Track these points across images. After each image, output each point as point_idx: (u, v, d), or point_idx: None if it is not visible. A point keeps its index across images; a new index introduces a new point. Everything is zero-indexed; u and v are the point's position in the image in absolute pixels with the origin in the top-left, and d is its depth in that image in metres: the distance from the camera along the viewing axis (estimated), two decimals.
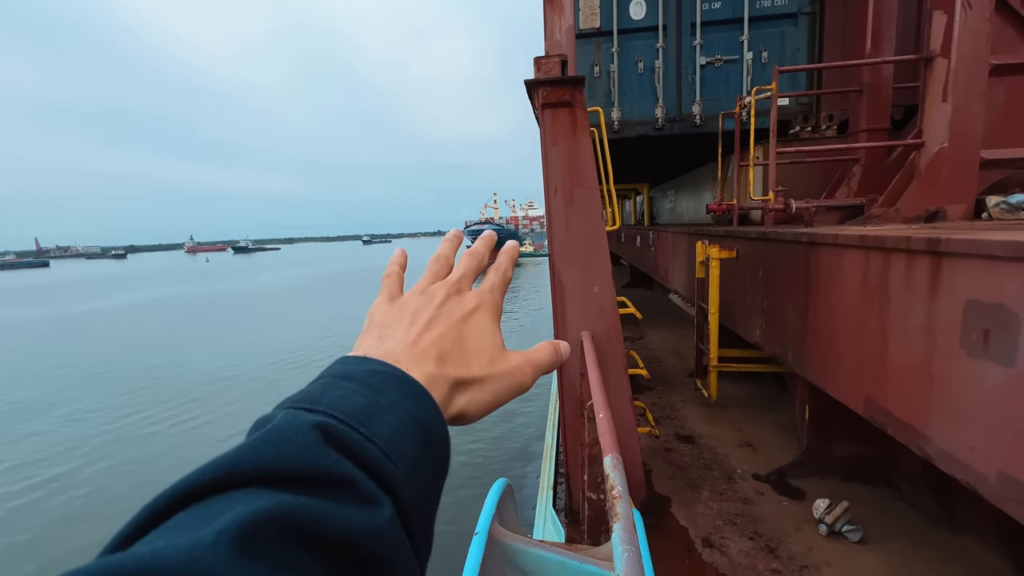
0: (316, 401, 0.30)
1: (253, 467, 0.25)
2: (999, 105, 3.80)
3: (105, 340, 19.52)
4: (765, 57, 5.61)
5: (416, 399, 0.33)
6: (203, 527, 0.21)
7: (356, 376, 0.33)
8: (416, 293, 0.45)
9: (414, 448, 0.31)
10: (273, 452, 0.26)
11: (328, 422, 0.28)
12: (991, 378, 1.71)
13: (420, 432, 0.32)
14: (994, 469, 1.71)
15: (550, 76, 2.76)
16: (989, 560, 2.64)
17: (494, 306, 0.46)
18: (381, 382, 0.33)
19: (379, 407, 0.31)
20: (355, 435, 0.28)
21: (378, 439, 0.29)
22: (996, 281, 1.68)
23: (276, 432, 0.27)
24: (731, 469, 3.76)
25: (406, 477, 0.29)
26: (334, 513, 0.24)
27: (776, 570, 2.68)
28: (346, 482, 0.26)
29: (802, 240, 3.06)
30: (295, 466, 0.25)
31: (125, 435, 9.85)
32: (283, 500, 0.23)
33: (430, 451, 0.32)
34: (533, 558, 1.48)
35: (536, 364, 0.45)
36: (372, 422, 0.29)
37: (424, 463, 0.31)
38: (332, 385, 0.32)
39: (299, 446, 0.26)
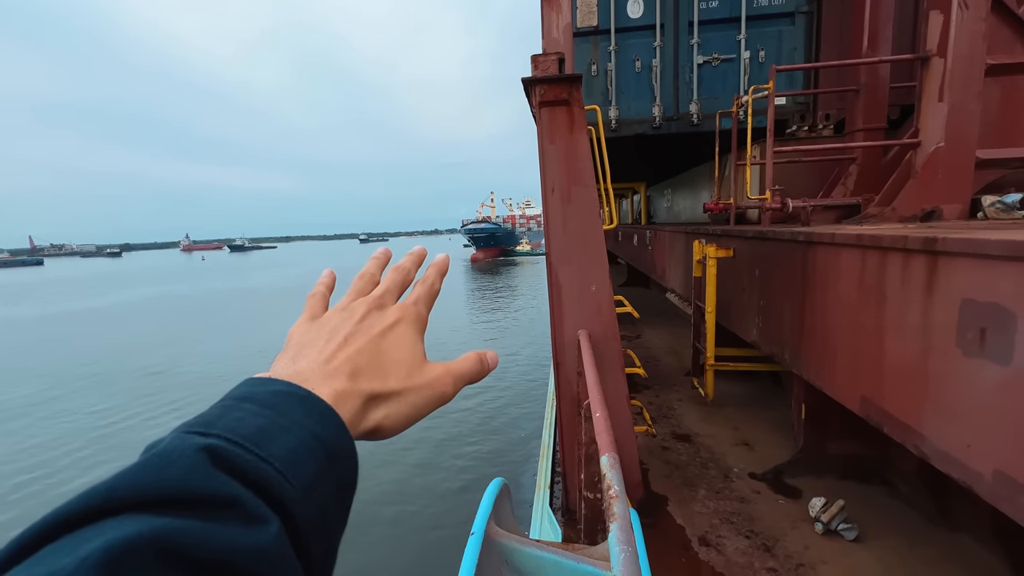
0: (211, 424, 0.30)
1: (131, 492, 0.24)
2: (995, 105, 3.82)
3: (99, 339, 19.42)
4: (762, 56, 5.62)
5: (320, 418, 0.33)
6: (67, 557, 0.21)
7: (257, 397, 0.33)
8: (337, 311, 0.46)
9: (315, 466, 0.31)
10: (153, 476, 0.25)
11: (218, 444, 0.28)
12: (987, 377, 1.72)
13: (322, 450, 0.32)
14: (990, 467, 1.71)
15: (547, 74, 2.75)
16: (985, 559, 2.65)
17: (416, 318, 0.46)
18: (283, 403, 0.33)
19: (278, 427, 0.31)
20: (247, 456, 0.28)
21: (273, 459, 0.29)
22: (992, 280, 1.69)
23: (159, 456, 0.27)
24: (728, 468, 3.77)
25: (302, 495, 0.29)
26: (213, 534, 0.24)
27: (772, 568, 2.69)
28: (230, 502, 0.26)
29: (799, 239, 3.06)
30: (176, 489, 0.25)
31: (112, 435, 9.80)
32: (157, 524, 0.23)
33: (333, 468, 0.32)
34: (529, 558, 1.48)
35: (458, 374, 0.45)
36: (268, 443, 0.30)
37: (325, 480, 0.32)
38: (231, 408, 0.32)
39: (182, 469, 0.26)
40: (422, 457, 8.10)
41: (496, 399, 10.88)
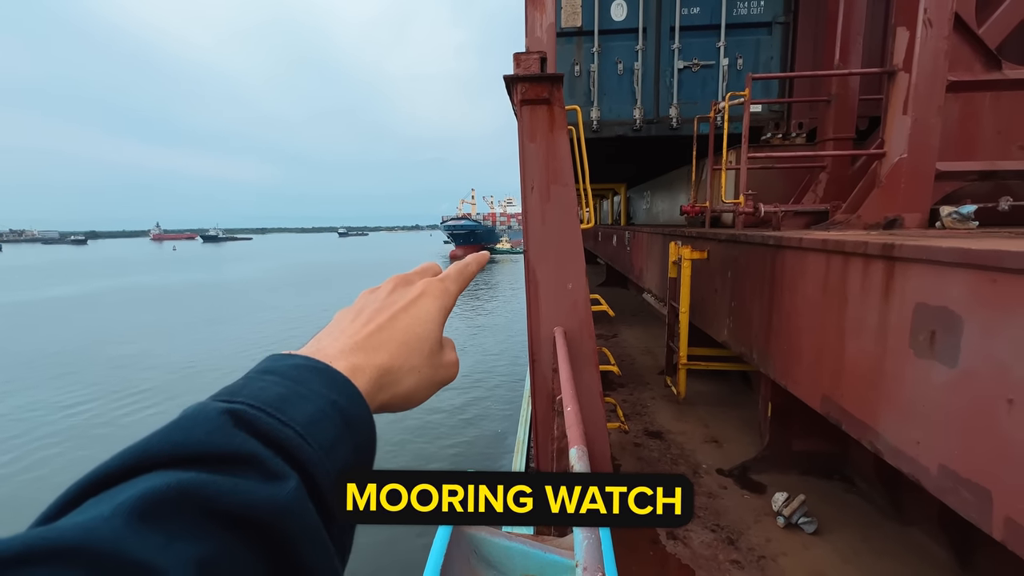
0: (236, 393, 0.32)
1: (161, 450, 0.27)
2: (954, 120, 4.00)
3: (61, 330, 18.66)
4: (740, 64, 5.75)
5: (337, 388, 0.35)
6: (104, 505, 0.23)
7: (278, 370, 0.35)
8: (368, 292, 0.48)
9: (333, 430, 0.33)
10: (181, 435, 0.28)
11: (240, 408, 0.30)
12: (936, 377, 1.81)
13: (339, 416, 0.34)
14: (936, 462, 1.81)
15: (529, 72, 2.77)
16: (932, 549, 2.80)
17: (442, 293, 0.47)
18: (302, 374, 0.35)
19: (298, 395, 0.33)
20: (268, 419, 0.30)
21: (294, 423, 0.31)
22: (942, 285, 1.78)
23: (186, 418, 0.29)
24: (697, 464, 3.87)
25: (322, 455, 0.31)
26: (235, 487, 0.26)
27: (735, 560, 2.78)
28: (251, 459, 0.28)
29: (769, 243, 3.16)
30: (201, 447, 0.27)
31: (76, 429, 9.46)
32: (184, 477, 0.25)
33: (351, 433, 0.34)
34: (498, 548, 1.50)
35: (458, 361, 0.48)
36: (289, 408, 0.32)
37: (344, 443, 0.33)
38: (254, 379, 0.34)
39: (207, 430, 0.28)
40: (403, 456, 8.06)
41: (473, 395, 10.90)
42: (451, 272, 0.50)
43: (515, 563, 1.51)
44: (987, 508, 1.61)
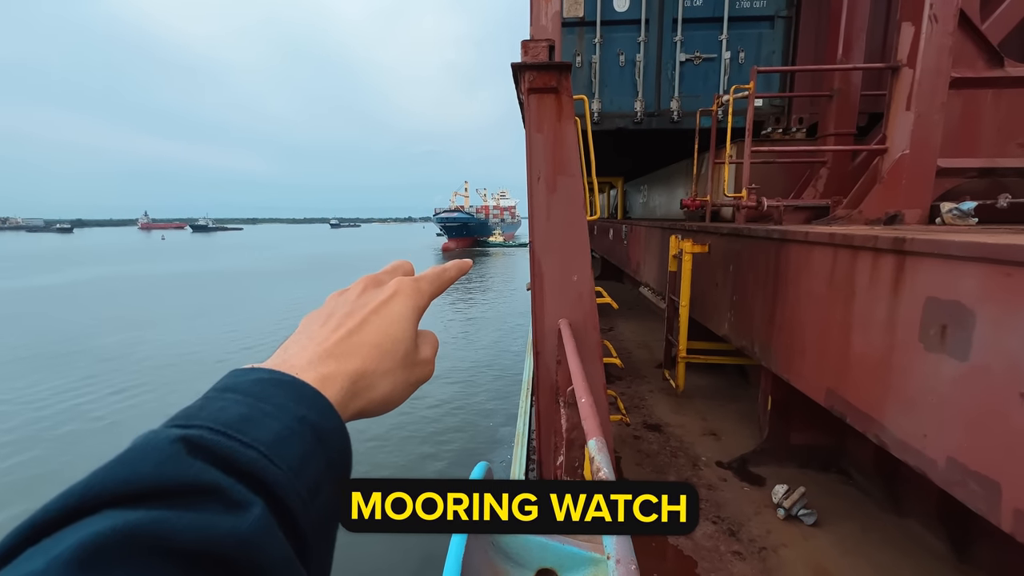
0: (193, 416, 0.30)
1: (105, 489, 0.24)
2: (955, 117, 4.02)
3: (48, 319, 18.36)
4: (742, 57, 5.74)
5: (307, 401, 0.34)
6: (40, 558, 0.21)
7: (240, 387, 0.33)
8: (337, 294, 0.46)
9: (301, 447, 0.31)
10: (127, 470, 0.25)
11: (195, 434, 0.28)
12: (946, 371, 1.82)
13: (309, 432, 0.32)
14: (944, 455, 1.83)
15: (537, 60, 2.73)
16: (929, 541, 2.84)
17: (414, 292, 0.45)
18: (266, 390, 0.33)
19: (262, 413, 0.31)
20: (229, 443, 0.28)
21: (258, 443, 0.29)
22: (954, 279, 1.79)
23: (133, 450, 0.27)
24: (696, 456, 3.89)
25: (290, 476, 0.29)
26: (191, 522, 0.24)
27: (737, 552, 2.80)
28: (211, 490, 0.26)
29: (774, 236, 3.16)
30: (151, 481, 0.25)
31: (66, 420, 9.33)
32: (131, 517, 0.23)
33: (321, 448, 0.33)
34: (516, 540, 1.49)
35: (435, 355, 0.47)
36: (252, 428, 0.30)
37: (314, 460, 0.32)
38: (214, 399, 0.32)
39: (156, 461, 0.26)
40: (391, 457, 8.05)
41: (466, 390, 10.90)
42: (428, 273, 0.49)
43: (533, 555, 1.50)
44: (996, 500, 1.62)
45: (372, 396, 0.40)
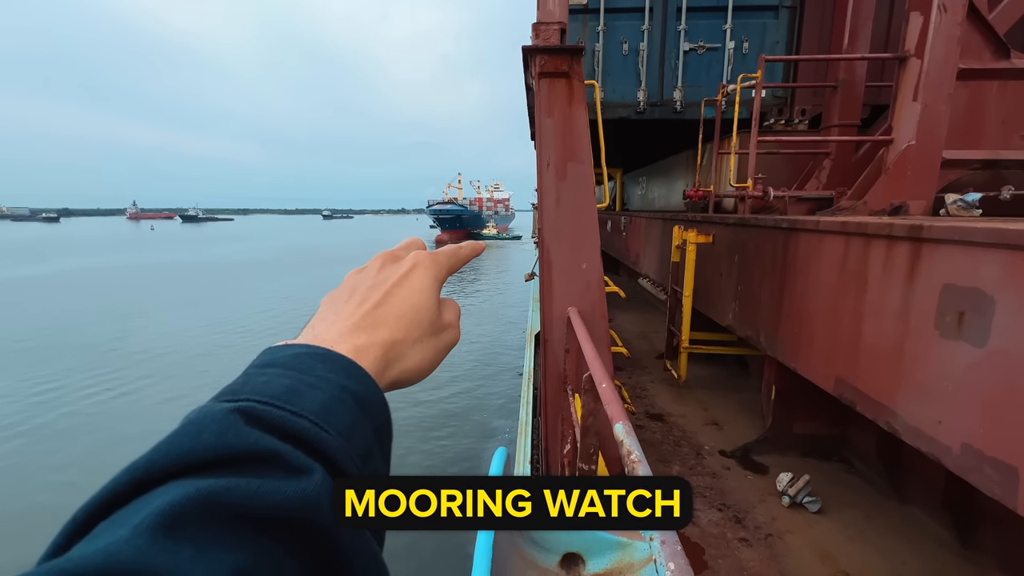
0: (238, 391, 0.31)
1: (170, 460, 0.25)
2: (960, 108, 4.02)
3: (37, 310, 18.07)
4: (746, 48, 5.71)
5: (345, 372, 0.35)
6: (120, 528, 0.22)
7: (279, 362, 0.34)
8: (356, 271, 0.47)
9: (348, 415, 0.32)
10: (189, 442, 0.26)
11: (248, 405, 0.29)
12: (963, 357, 1.83)
13: (352, 400, 0.33)
14: (959, 441, 1.83)
15: (548, 44, 2.68)
16: (932, 528, 2.87)
17: (432, 263, 0.46)
18: (304, 363, 0.34)
19: (305, 384, 0.32)
20: (280, 412, 0.29)
21: (307, 412, 0.30)
22: (974, 266, 1.78)
23: (191, 423, 0.27)
24: (699, 446, 3.91)
25: (342, 441, 0.30)
26: (258, 488, 0.25)
27: (743, 538, 2.82)
28: (270, 456, 0.27)
29: (783, 226, 3.16)
30: (214, 450, 0.26)
31: (61, 414, 9.21)
32: (202, 484, 0.24)
33: (366, 416, 0.33)
34: None
35: (458, 318, 0.48)
36: (298, 399, 0.30)
37: (362, 427, 0.33)
38: (255, 374, 0.33)
39: (216, 431, 0.26)
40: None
41: (461, 382, 10.89)
42: (444, 249, 0.50)
43: (559, 539, 1.49)
44: (1012, 485, 1.63)
45: (405, 366, 0.41)
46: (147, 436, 0.31)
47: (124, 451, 7.60)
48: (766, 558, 2.67)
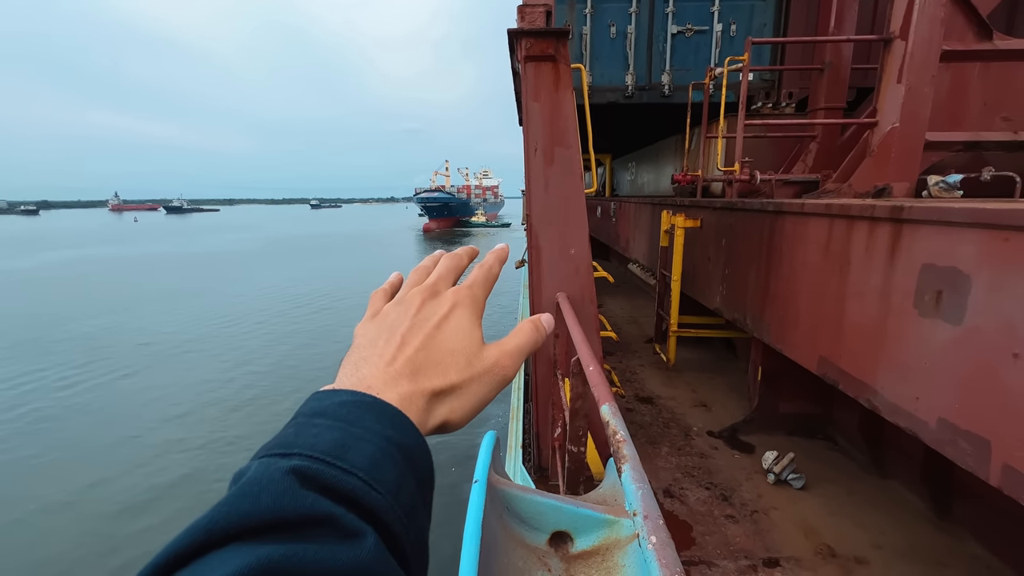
0: (290, 445, 0.31)
1: (230, 523, 0.26)
2: (943, 90, 4.06)
3: (23, 303, 17.74)
4: (734, 30, 5.68)
5: (392, 422, 0.35)
6: None
7: (328, 411, 0.34)
8: (394, 304, 0.46)
9: (394, 470, 0.32)
10: (249, 505, 0.26)
11: (302, 465, 0.29)
12: (939, 335, 1.87)
13: (399, 453, 0.33)
14: (935, 416, 1.89)
15: (534, 27, 2.66)
16: (911, 500, 2.97)
17: (472, 302, 0.46)
18: (353, 412, 0.34)
19: (354, 437, 0.32)
20: (332, 471, 0.29)
21: (357, 469, 0.30)
22: (952, 245, 1.82)
23: (251, 483, 0.27)
24: (688, 427, 3.98)
25: (390, 500, 0.31)
26: (316, 555, 0.25)
27: (730, 515, 2.90)
28: (326, 520, 0.27)
29: (769, 209, 3.18)
30: (272, 515, 0.26)
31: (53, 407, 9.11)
32: (263, 552, 0.24)
33: (412, 469, 0.34)
34: (530, 504, 1.50)
35: (516, 351, 0.46)
36: (349, 454, 0.31)
37: (407, 481, 0.33)
38: (305, 425, 0.33)
39: (274, 494, 0.27)
40: None
41: None
42: (477, 278, 0.49)
43: (547, 518, 1.51)
44: (986, 457, 1.69)
45: (448, 412, 0.40)
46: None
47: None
48: (751, 533, 2.75)
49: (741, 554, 2.59)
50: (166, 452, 7.50)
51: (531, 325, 0.48)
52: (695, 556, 2.58)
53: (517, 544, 1.43)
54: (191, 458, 7.33)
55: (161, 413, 8.76)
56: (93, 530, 5.77)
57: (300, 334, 13.74)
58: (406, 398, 0.37)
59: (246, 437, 7.90)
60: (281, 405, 9.00)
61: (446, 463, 6.89)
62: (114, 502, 6.30)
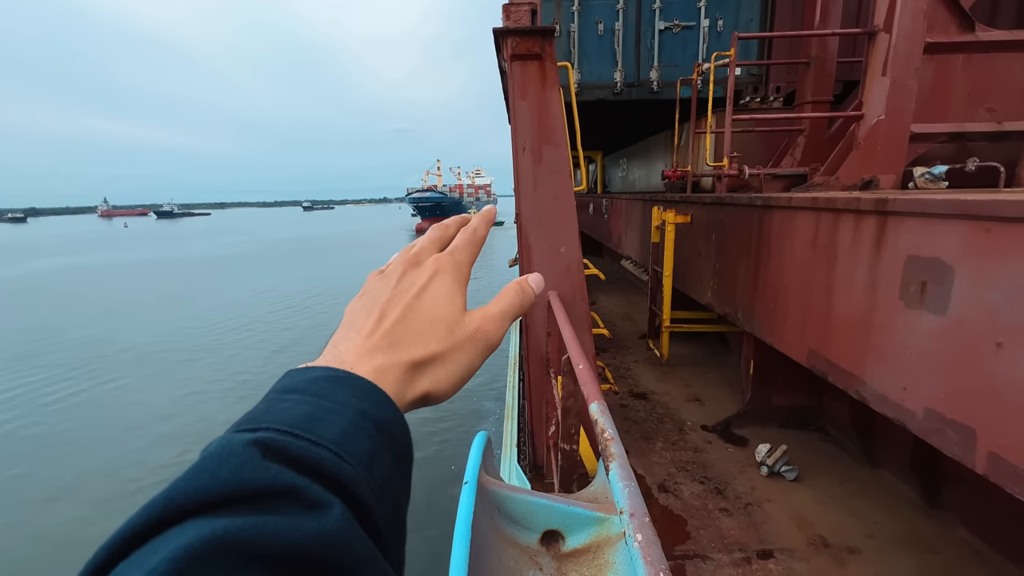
0: (259, 419, 0.30)
1: (187, 498, 0.25)
2: (928, 82, 4.09)
3: (15, 312, 17.55)
4: (720, 25, 5.70)
5: (365, 395, 0.34)
6: (135, 572, 0.21)
7: (298, 387, 0.33)
8: (376, 276, 0.45)
9: (368, 442, 0.31)
10: (207, 477, 0.26)
11: (267, 436, 0.28)
12: (925, 326, 1.89)
13: (372, 425, 0.32)
14: (922, 406, 1.91)
15: (520, 25, 2.65)
16: (901, 489, 3.01)
17: (454, 267, 0.44)
18: (324, 387, 0.33)
19: (325, 411, 0.31)
20: (298, 442, 0.29)
21: (326, 441, 0.29)
22: (935, 237, 1.84)
23: (211, 457, 0.27)
24: (682, 422, 4.01)
25: (362, 470, 0.30)
26: (276, 526, 0.24)
27: (724, 508, 2.92)
28: (289, 492, 0.26)
29: (757, 204, 3.20)
30: (231, 487, 0.25)
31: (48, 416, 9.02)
32: (218, 524, 0.23)
33: (387, 442, 0.33)
34: (521, 504, 1.51)
35: (500, 315, 0.44)
36: (318, 426, 0.30)
37: (381, 454, 0.32)
38: (275, 400, 0.32)
39: (234, 467, 0.26)
40: None
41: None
42: (459, 242, 0.46)
43: (538, 517, 1.51)
44: (971, 445, 1.71)
45: (430, 383, 0.39)
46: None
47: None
48: (746, 526, 2.77)
49: (735, 547, 2.61)
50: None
51: (516, 287, 0.46)
52: (690, 550, 2.60)
53: (508, 544, 1.43)
54: None
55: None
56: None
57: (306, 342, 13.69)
58: (381, 370, 0.36)
59: None
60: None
61: (447, 458, 6.88)
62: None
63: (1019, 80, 4.01)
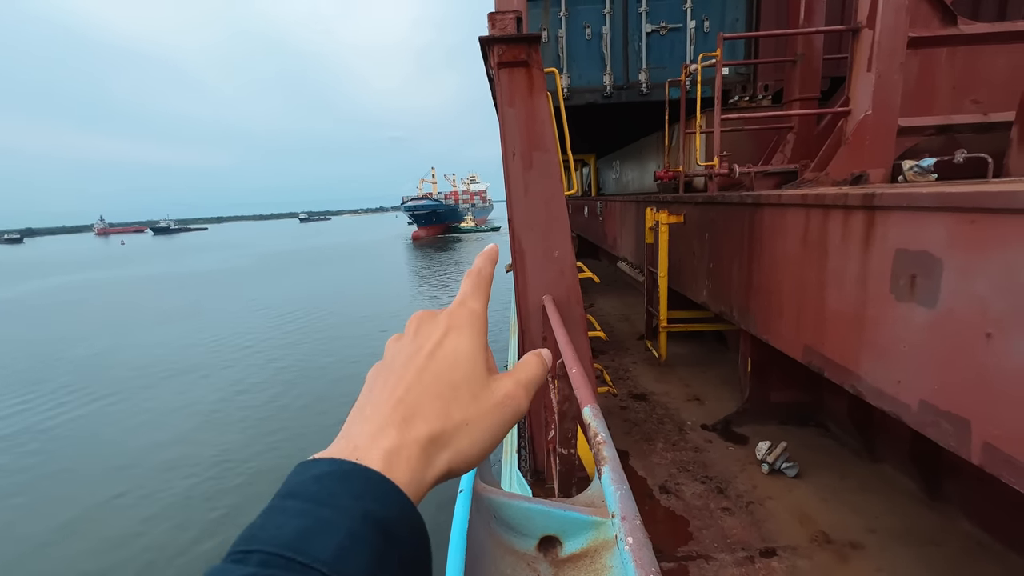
0: (251, 540, 0.29)
1: None
2: (913, 76, 4.13)
3: (19, 331, 17.50)
4: (707, 26, 5.75)
5: (371, 491, 0.31)
6: None
7: (300, 491, 0.31)
8: (394, 339, 0.42)
9: (367, 553, 0.29)
10: None
11: (256, 573, 0.27)
12: (916, 319, 1.90)
13: (374, 531, 0.30)
14: (916, 399, 1.92)
15: (505, 33, 2.67)
16: (902, 482, 3.00)
17: (469, 320, 0.41)
18: (327, 488, 0.31)
19: (322, 522, 0.29)
20: (290, 567, 0.27)
21: (319, 563, 0.28)
22: (922, 230, 1.85)
23: None
24: (682, 422, 4.00)
25: None
26: None
27: (726, 508, 2.91)
28: None
29: (747, 202, 3.22)
30: None
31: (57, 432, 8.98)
32: None
33: (391, 546, 0.31)
34: (517, 510, 1.51)
35: (528, 383, 0.42)
36: (311, 545, 0.28)
37: (387, 562, 0.30)
38: (275, 511, 0.30)
39: None
40: None
41: None
42: (467, 288, 0.43)
43: (535, 523, 1.51)
44: (966, 436, 1.72)
45: (454, 455, 0.36)
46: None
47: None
48: (748, 524, 2.76)
49: (738, 546, 2.61)
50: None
51: (538, 358, 0.44)
52: (692, 551, 2.59)
53: (505, 551, 1.43)
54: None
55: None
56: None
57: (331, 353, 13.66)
58: (394, 453, 0.33)
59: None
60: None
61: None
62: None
63: (1003, 72, 4.05)
